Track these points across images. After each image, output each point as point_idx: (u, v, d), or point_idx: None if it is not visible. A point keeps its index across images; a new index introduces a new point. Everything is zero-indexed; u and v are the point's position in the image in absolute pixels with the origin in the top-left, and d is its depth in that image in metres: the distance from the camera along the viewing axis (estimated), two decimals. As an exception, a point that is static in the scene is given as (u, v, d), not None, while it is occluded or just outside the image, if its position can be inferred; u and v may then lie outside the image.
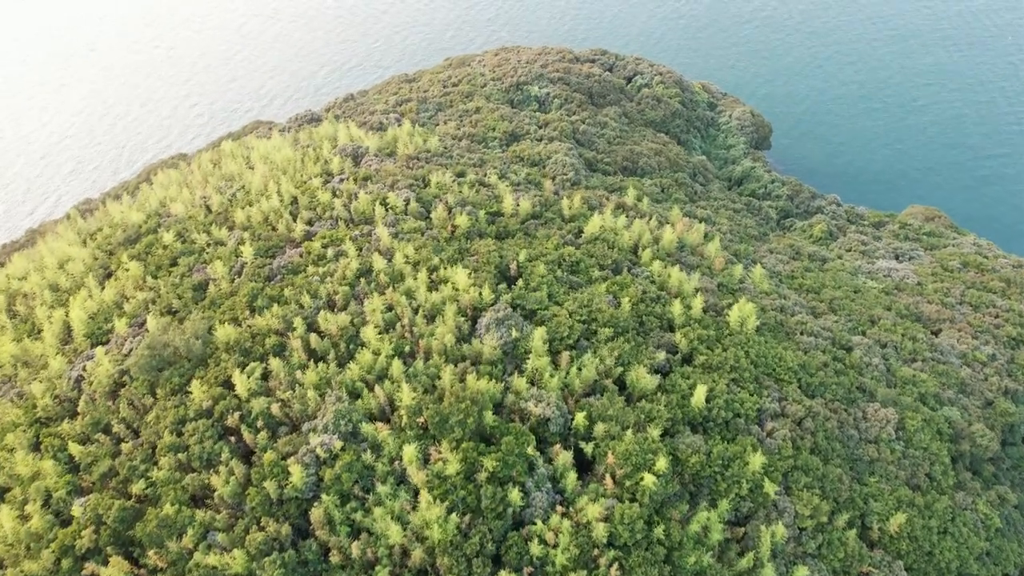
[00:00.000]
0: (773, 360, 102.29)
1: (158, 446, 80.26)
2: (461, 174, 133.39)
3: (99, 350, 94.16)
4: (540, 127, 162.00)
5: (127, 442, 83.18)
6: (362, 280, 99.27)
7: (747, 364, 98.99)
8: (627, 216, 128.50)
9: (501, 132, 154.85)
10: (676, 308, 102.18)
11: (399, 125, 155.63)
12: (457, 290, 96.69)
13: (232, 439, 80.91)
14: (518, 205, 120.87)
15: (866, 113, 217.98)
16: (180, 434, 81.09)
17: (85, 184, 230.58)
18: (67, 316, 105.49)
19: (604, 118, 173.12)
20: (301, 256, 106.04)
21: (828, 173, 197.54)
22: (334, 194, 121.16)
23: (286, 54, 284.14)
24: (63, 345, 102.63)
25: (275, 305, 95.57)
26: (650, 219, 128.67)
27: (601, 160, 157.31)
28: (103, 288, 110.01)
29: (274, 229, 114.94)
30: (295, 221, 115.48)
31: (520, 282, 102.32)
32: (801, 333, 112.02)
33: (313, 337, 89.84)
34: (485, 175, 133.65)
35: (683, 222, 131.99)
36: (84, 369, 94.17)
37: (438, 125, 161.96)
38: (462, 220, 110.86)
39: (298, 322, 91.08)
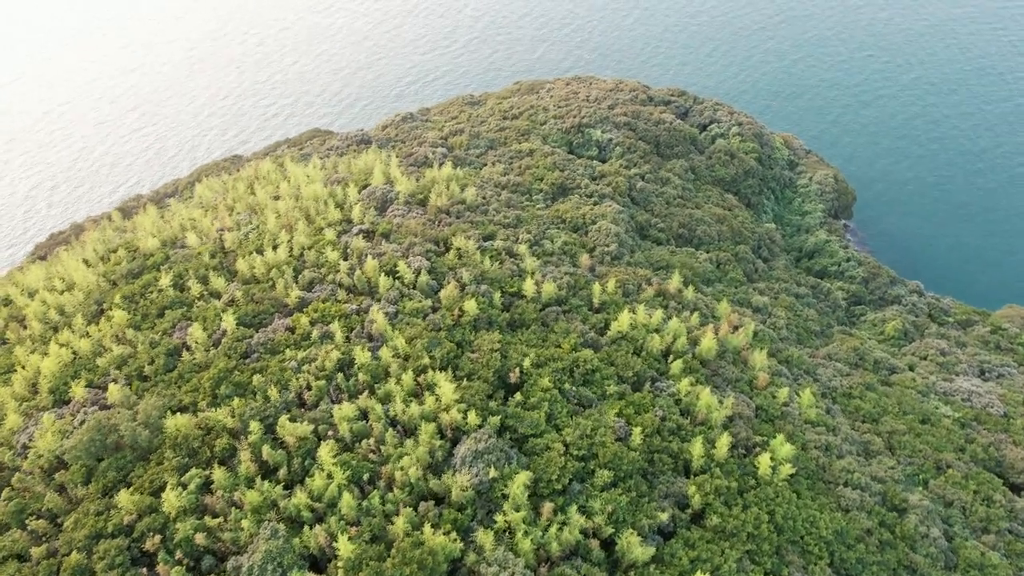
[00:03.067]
0: (803, 525, 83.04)
1: (63, 566, 68.70)
2: (490, 237, 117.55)
3: (47, 417, 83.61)
4: (594, 179, 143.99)
5: (41, 546, 72.02)
6: (340, 375, 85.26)
7: (769, 531, 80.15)
8: (666, 308, 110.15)
9: (549, 184, 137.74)
10: (696, 447, 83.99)
11: (440, 165, 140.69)
12: (440, 401, 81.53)
13: (145, 571, 68.64)
14: (540, 288, 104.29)
15: (969, 186, 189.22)
16: (91, 553, 69.31)
17: (150, 174, 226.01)
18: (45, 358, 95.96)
19: (668, 173, 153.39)
20: (286, 331, 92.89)
21: (914, 252, 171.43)
22: (344, 253, 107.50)
23: (371, 57, 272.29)
24: (32, 395, 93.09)
25: (237, 397, 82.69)
26: (692, 313, 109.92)
27: (655, 225, 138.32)
28: (87, 332, 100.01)
29: (273, 287, 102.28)
30: (295, 282, 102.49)
31: (519, 395, 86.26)
32: (845, 484, 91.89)
33: (267, 448, 76.41)
34: (516, 240, 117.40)
35: (731, 319, 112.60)
36: (31, 437, 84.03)
37: (485, 166, 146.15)
38: (470, 306, 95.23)
39: (255, 426, 77.81)
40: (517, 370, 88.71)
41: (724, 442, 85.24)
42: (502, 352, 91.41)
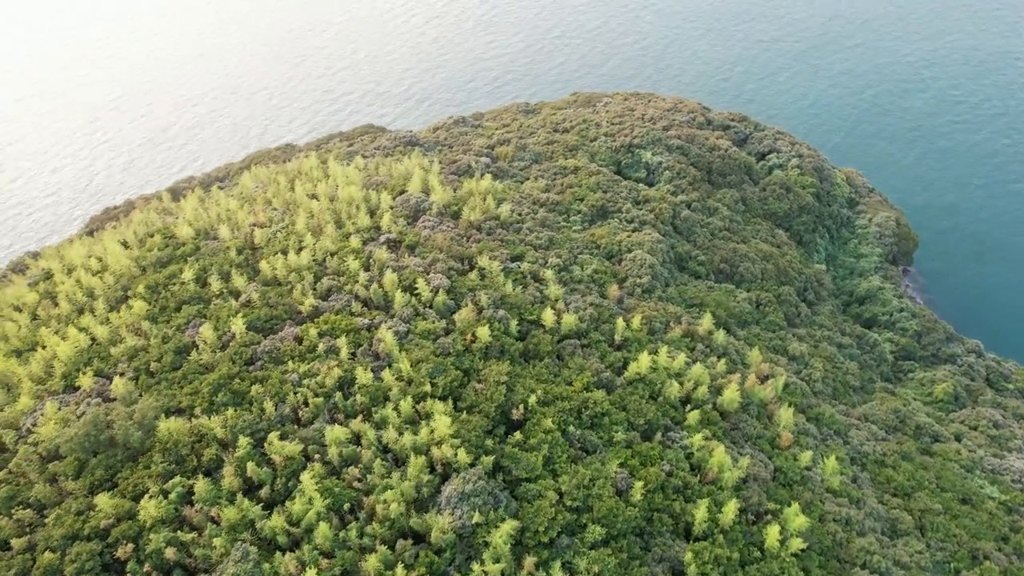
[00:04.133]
0: (808, 609, 76.82)
1: (37, 563, 67.91)
2: (518, 257, 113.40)
3: (50, 404, 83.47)
4: (637, 204, 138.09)
5: (22, 537, 71.52)
6: (339, 394, 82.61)
7: (769, 612, 74.28)
8: (692, 351, 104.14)
9: (589, 205, 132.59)
10: (701, 510, 78.30)
11: (481, 176, 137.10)
12: (434, 433, 78.02)
13: (112, 579, 67.43)
14: (560, 318, 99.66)
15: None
16: (65, 554, 68.34)
17: (214, 155, 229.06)
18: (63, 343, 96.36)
19: (716, 203, 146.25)
20: (294, 340, 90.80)
21: (977, 308, 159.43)
22: (366, 263, 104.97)
23: (439, 59, 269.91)
24: (47, 377, 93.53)
25: (233, 407, 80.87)
26: (720, 359, 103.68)
27: (695, 258, 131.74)
28: (107, 318, 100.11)
29: (290, 291, 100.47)
30: (313, 288, 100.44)
31: (519, 434, 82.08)
32: (862, 566, 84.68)
33: (251, 464, 74.22)
34: (545, 263, 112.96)
35: (761, 367, 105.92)
36: (35, 422, 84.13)
37: (527, 180, 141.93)
38: (483, 332, 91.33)
39: (244, 441, 75.79)
40: (521, 407, 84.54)
41: (732, 507, 79.33)
42: (509, 385, 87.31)
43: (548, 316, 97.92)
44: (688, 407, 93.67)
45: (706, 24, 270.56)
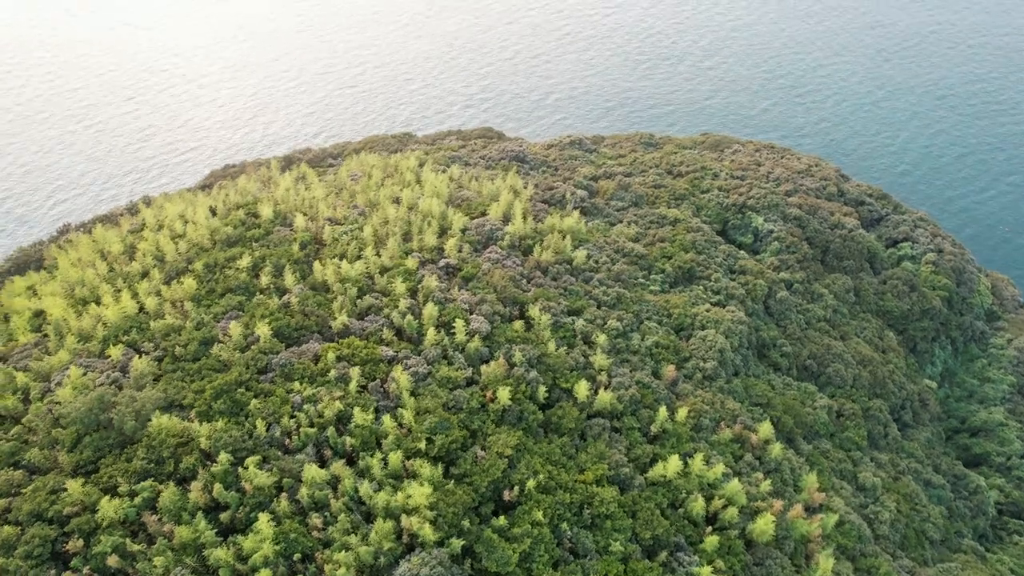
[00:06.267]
0: None
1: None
2: (576, 312, 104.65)
3: (74, 369, 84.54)
4: (730, 273, 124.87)
5: (2, 499, 72.17)
6: (332, 430, 78.08)
7: None
8: (737, 461, 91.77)
9: (675, 265, 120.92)
10: (683, 661, 67.74)
11: (572, 211, 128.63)
12: (409, 498, 71.78)
13: (52, 572, 66.19)
14: (596, 395, 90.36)
15: None
16: (23, 532, 68.14)
17: (343, 131, 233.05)
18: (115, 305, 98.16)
19: (823, 288, 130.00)
20: (311, 358, 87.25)
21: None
22: (413, 289, 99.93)
23: (586, 71, 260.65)
24: (90, 336, 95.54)
25: (228, 417, 78.34)
26: (767, 476, 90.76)
27: (780, 347, 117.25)
28: (159, 290, 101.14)
29: (330, 302, 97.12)
30: (354, 304, 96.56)
31: (505, 518, 74.32)
32: None
33: (219, 486, 71.19)
34: (603, 323, 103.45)
35: (815, 496, 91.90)
36: (59, 381, 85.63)
37: (619, 224, 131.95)
38: (504, 394, 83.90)
39: (223, 458, 72.98)
40: (517, 488, 76.64)
41: (721, 667, 68.13)
42: (513, 460, 79.59)
43: (582, 389, 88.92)
44: (710, 528, 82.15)
45: (877, 82, 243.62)
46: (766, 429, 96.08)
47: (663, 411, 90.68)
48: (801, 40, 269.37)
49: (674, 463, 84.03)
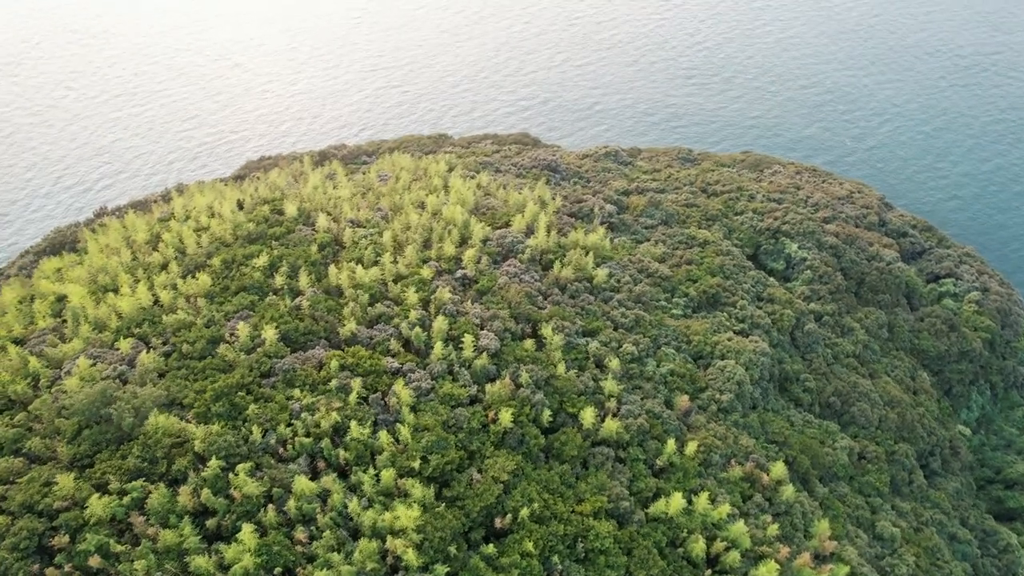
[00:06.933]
0: None
1: (-12, 524, 68.39)
2: (590, 333, 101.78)
3: (83, 360, 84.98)
4: (757, 301, 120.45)
5: (6, 485, 72.60)
6: (327, 442, 76.80)
7: None
8: (745, 501, 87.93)
9: (699, 290, 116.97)
10: None
11: (599, 226, 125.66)
12: (397, 519, 70.04)
13: (36, 567, 66.10)
14: (602, 422, 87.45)
15: None
16: (14, 522, 68.29)
17: (385, 129, 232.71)
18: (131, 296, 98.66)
19: (854, 322, 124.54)
20: (315, 366, 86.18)
21: None
22: (426, 299, 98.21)
23: (630, 81, 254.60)
24: (105, 325, 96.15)
25: (225, 420, 77.65)
26: (775, 520, 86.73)
27: (803, 382, 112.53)
28: (175, 284, 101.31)
29: (341, 308, 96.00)
30: (365, 312, 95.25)
31: (494, 546, 72.09)
32: None
33: (207, 491, 70.46)
34: (618, 348, 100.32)
35: (826, 544, 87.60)
36: (69, 370, 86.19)
37: (646, 243, 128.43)
38: (506, 417, 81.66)
39: (214, 463, 72.28)
40: (509, 517, 74.38)
41: None
42: (509, 485, 77.33)
43: (589, 415, 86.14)
44: (710, 571, 78.75)
45: (946, 116, 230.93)
46: (779, 469, 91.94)
47: (671, 443, 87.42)
48: (858, 61, 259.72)
49: (677, 500, 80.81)
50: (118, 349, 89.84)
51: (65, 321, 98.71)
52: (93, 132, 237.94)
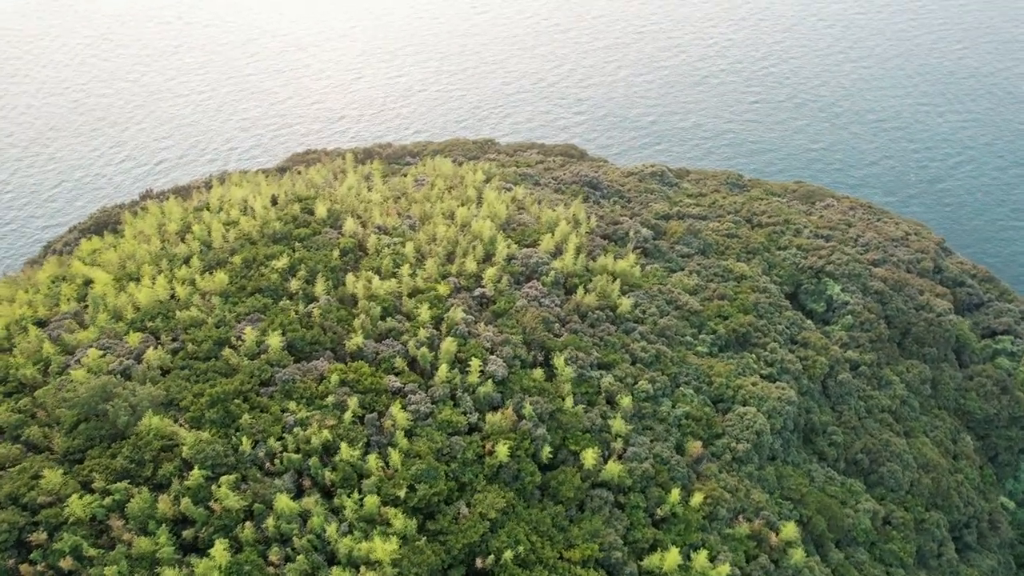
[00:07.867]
0: None
1: (-29, 515, 68.73)
2: (606, 366, 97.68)
3: (93, 351, 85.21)
4: (788, 344, 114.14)
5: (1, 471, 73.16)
6: (315, 460, 74.88)
7: None
8: (749, 562, 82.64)
9: (729, 328, 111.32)
10: None
11: (628, 252, 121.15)
12: (373, 550, 67.58)
13: (12, 562, 65.91)
14: (605, 463, 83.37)
15: None
16: (-5, 516, 68.49)
17: (434, 129, 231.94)
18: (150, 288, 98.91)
19: (893, 375, 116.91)
20: (316, 379, 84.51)
21: None
22: (439, 317, 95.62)
23: (691, 100, 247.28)
24: (122, 315, 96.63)
25: (216, 428, 76.53)
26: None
27: (830, 435, 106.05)
28: (194, 279, 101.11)
29: (351, 319, 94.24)
30: (374, 326, 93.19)
31: (473, 588, 69.13)
32: None
33: (187, 500, 69.32)
34: (633, 384, 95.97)
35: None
36: (78, 359, 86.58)
37: (680, 272, 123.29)
38: (503, 450, 78.45)
39: (196, 473, 71.12)
40: (492, 558, 71.19)
41: None
42: (496, 523, 74.12)
43: (590, 456, 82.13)
44: (702, 636, 74.04)
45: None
46: (790, 530, 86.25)
47: (676, 492, 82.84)
48: (932, 94, 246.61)
49: (674, 555, 76.30)
50: (128, 342, 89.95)
51: (87, 306, 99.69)
52: (167, 111, 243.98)
